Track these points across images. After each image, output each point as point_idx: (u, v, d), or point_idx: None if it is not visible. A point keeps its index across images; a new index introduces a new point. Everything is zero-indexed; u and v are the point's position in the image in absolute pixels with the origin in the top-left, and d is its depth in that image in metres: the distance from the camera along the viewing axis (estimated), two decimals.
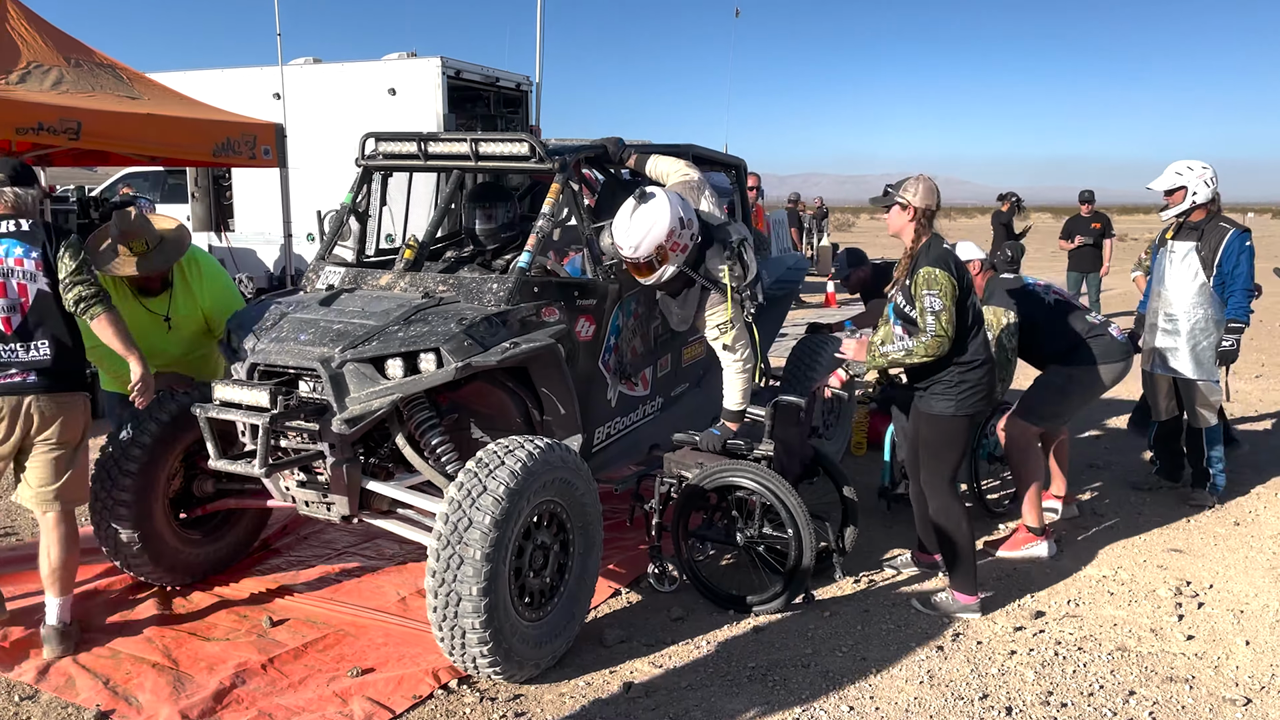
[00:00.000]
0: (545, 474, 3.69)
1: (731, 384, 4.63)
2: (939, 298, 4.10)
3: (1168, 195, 5.79)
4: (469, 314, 4.01)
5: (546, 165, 4.48)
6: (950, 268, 4.13)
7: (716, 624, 4.30)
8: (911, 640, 4.15)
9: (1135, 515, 5.77)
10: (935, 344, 4.12)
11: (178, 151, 8.09)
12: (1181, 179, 5.72)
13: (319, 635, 4.12)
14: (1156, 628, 4.31)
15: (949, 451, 4.30)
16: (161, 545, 4.41)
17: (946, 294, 4.10)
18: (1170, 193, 5.77)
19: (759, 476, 4.34)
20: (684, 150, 5.70)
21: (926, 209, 4.23)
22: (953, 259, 4.18)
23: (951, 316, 4.11)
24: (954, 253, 4.24)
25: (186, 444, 4.43)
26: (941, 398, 4.25)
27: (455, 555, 3.45)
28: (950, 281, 4.11)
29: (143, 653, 3.95)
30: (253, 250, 12.85)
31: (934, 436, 4.31)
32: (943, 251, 4.19)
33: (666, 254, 4.38)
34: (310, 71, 12.35)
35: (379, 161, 4.89)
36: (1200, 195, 5.68)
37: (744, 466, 4.39)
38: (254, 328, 4.19)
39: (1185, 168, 5.75)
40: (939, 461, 4.32)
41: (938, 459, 4.32)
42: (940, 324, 4.11)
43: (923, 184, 4.27)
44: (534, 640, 3.72)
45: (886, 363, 4.29)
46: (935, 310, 4.11)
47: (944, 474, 4.32)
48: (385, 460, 4.23)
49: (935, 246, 4.20)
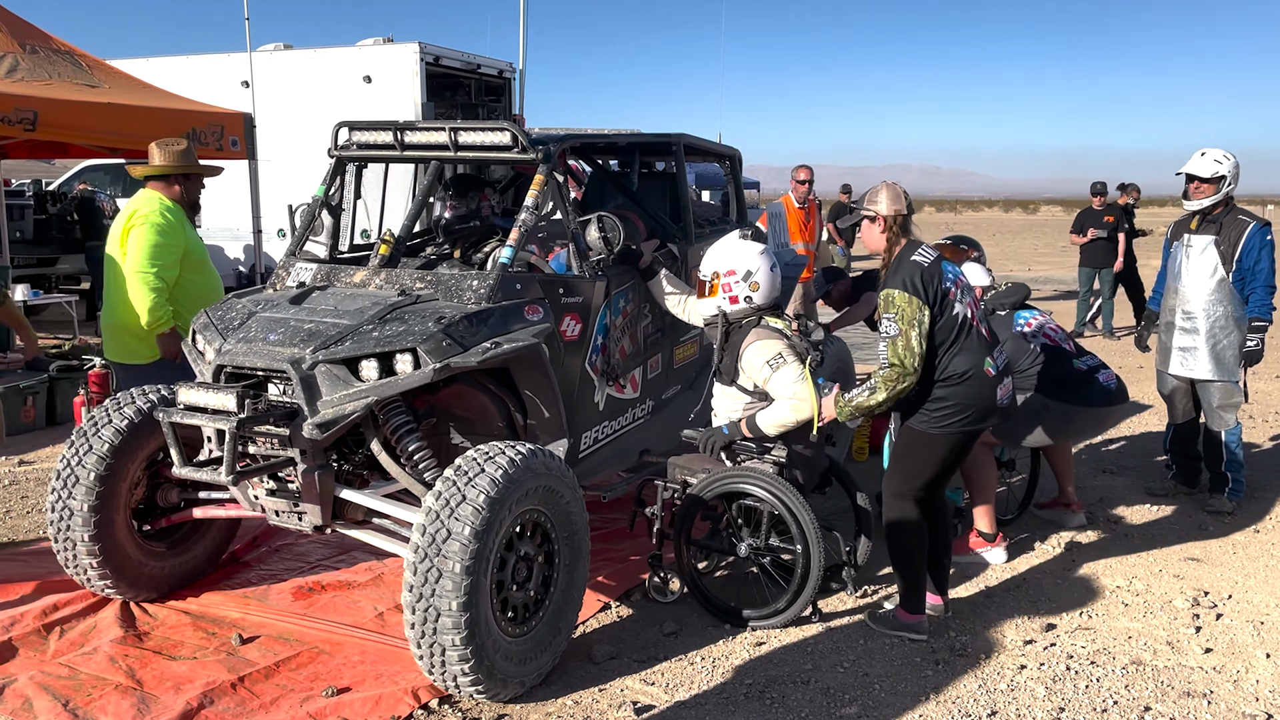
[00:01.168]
0: (529, 481, 3.68)
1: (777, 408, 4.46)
2: (895, 322, 3.98)
3: (1200, 184, 5.75)
4: (448, 312, 4.00)
5: (530, 155, 4.47)
6: (911, 285, 3.98)
7: (712, 638, 4.29)
8: (916, 655, 4.16)
9: (1150, 523, 5.79)
10: (893, 374, 4.00)
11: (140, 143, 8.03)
12: (1221, 167, 5.68)
13: (291, 653, 4.09)
14: (1173, 640, 4.33)
15: (912, 463, 4.18)
16: (123, 558, 4.39)
17: (904, 317, 3.97)
18: (1206, 181, 5.73)
19: (769, 485, 4.34)
20: (675, 140, 5.71)
21: (896, 215, 4.14)
22: (920, 273, 4.01)
23: (910, 342, 3.96)
24: (924, 264, 4.04)
25: (149, 451, 4.40)
26: (919, 410, 4.13)
27: (434, 568, 3.44)
28: (909, 301, 3.97)
29: (104, 673, 3.92)
30: (220, 247, 12.81)
31: (900, 443, 4.24)
32: (908, 266, 4.04)
33: (715, 286, 4.61)
34: (280, 58, 12.32)
35: (353, 152, 4.88)
36: (1232, 187, 5.69)
37: (753, 474, 4.39)
38: (220, 327, 4.17)
39: (1223, 156, 5.71)
40: (900, 471, 4.22)
41: (900, 468, 4.23)
42: (895, 351, 3.98)
43: (886, 190, 4.19)
44: (518, 657, 3.71)
45: (858, 411, 4.15)
46: (891, 336, 4.00)
47: (900, 486, 4.20)
48: (360, 467, 4.21)
49: (902, 261, 4.07)
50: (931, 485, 4.23)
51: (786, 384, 4.39)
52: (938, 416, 4.09)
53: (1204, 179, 5.73)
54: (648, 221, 5.54)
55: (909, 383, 4.01)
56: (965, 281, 4.20)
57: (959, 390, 4.06)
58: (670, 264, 5.27)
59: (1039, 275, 22.56)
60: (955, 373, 4.05)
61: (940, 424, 4.09)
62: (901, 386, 4.01)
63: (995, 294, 5.47)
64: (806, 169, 9.81)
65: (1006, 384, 4.18)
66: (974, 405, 4.08)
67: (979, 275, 5.49)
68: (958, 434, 4.12)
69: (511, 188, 6.27)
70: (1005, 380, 4.18)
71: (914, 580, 4.27)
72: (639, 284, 5.02)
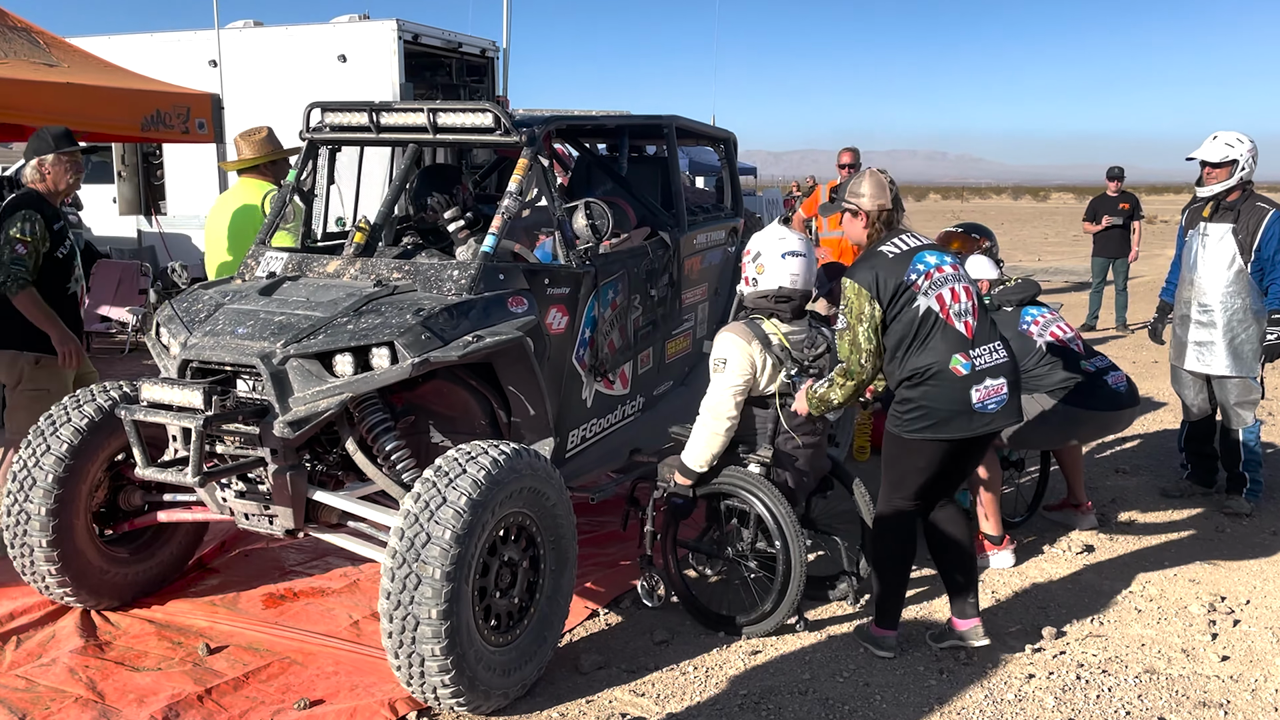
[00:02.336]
0: (512, 483, 3.68)
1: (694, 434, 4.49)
2: (844, 315, 3.99)
3: (1212, 169, 5.77)
4: (427, 304, 3.99)
5: (513, 138, 4.46)
6: (863, 275, 3.95)
7: (705, 647, 4.30)
8: (919, 663, 4.17)
9: (1165, 525, 5.81)
10: (841, 373, 4.06)
11: (102, 125, 8.03)
12: (1233, 151, 5.69)
13: (262, 664, 4.09)
14: (1188, 648, 4.34)
15: (894, 471, 4.11)
16: (84, 564, 4.37)
17: (851, 310, 3.96)
18: (1217, 166, 5.74)
19: (743, 482, 4.35)
20: (666, 122, 5.71)
21: (880, 210, 4.06)
22: (880, 265, 3.95)
23: (857, 337, 3.96)
24: (888, 255, 3.99)
25: (111, 451, 4.39)
26: (892, 414, 4.07)
27: (412, 574, 3.44)
28: (858, 293, 3.94)
29: (64, 685, 3.91)
30: (187, 235, 12.75)
31: (885, 447, 4.19)
32: (871, 258, 4.00)
33: (744, 265, 4.58)
34: (250, 36, 12.27)
35: (326, 134, 4.87)
36: (1247, 172, 5.69)
37: (728, 473, 4.40)
38: (186, 320, 4.16)
39: (1236, 139, 5.72)
40: (887, 478, 4.17)
41: (886, 474, 4.17)
42: (843, 347, 4.02)
43: (870, 181, 4.09)
44: (501, 667, 3.71)
45: (823, 404, 4.20)
46: (839, 330, 4.03)
47: (888, 491, 4.15)
48: (334, 468, 4.21)
49: (870, 253, 4.03)
50: (924, 494, 4.13)
51: (710, 392, 4.40)
52: (906, 420, 3.99)
53: (1214, 164, 5.74)
54: (638, 208, 5.54)
55: (857, 380, 4.04)
56: (948, 273, 4.01)
57: (921, 391, 3.94)
58: (661, 253, 5.27)
59: (1049, 266, 22.62)
60: (916, 370, 3.95)
61: (908, 428, 3.99)
62: (850, 384, 4.05)
63: (1003, 289, 5.46)
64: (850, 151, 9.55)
65: (991, 385, 3.95)
66: (939, 408, 3.92)
67: (984, 268, 5.49)
68: (930, 441, 3.97)
69: (494, 173, 6.26)
70: (988, 381, 3.95)
71: (888, 590, 4.19)
72: (629, 274, 5.02)
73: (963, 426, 3.95)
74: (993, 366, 3.99)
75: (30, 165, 5.18)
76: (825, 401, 4.18)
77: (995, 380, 3.97)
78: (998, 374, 3.99)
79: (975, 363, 3.94)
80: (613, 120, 6.11)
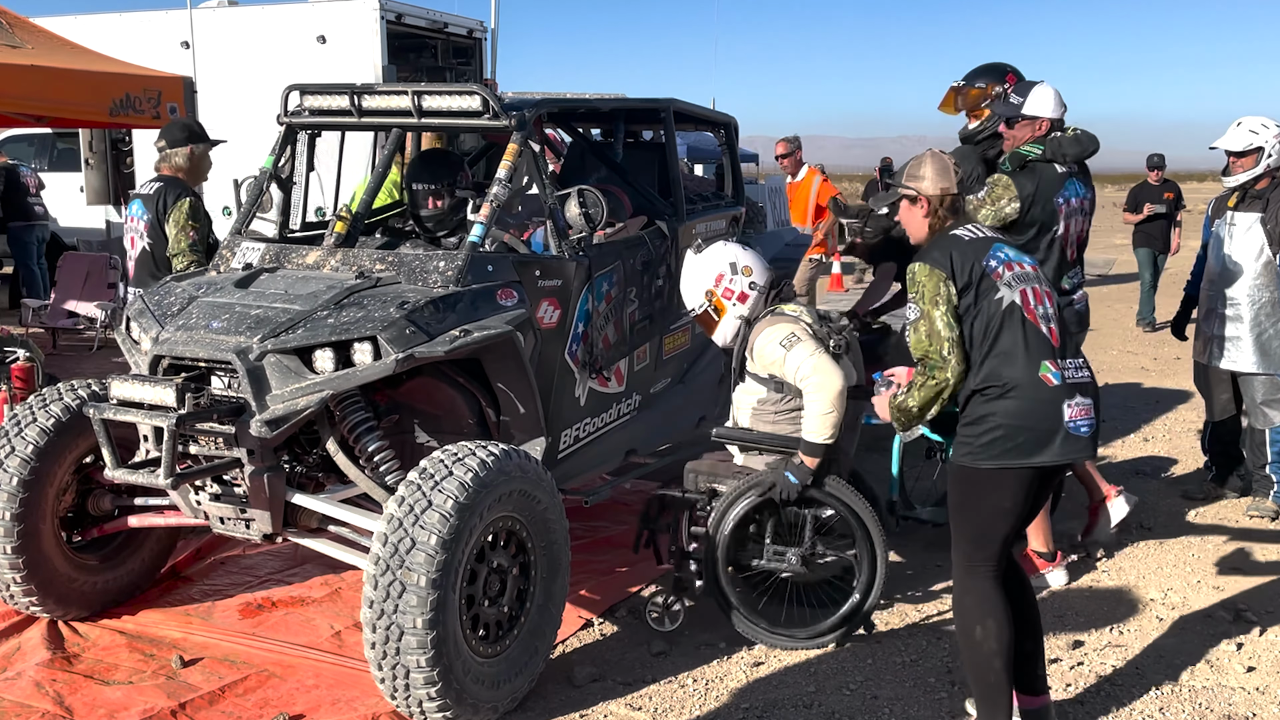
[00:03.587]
0: (502, 485, 3.68)
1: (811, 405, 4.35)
2: (916, 302, 3.52)
3: (1237, 158, 5.77)
4: (411, 297, 3.99)
5: (502, 123, 4.46)
6: (935, 255, 3.52)
7: (704, 658, 4.30)
8: (929, 675, 4.17)
9: (1188, 529, 5.82)
10: (923, 372, 3.51)
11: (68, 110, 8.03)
12: (1258, 138, 5.69)
13: (238, 677, 4.09)
14: (1212, 658, 4.35)
15: (974, 519, 3.53)
16: (51, 572, 4.36)
17: (924, 294, 3.49)
18: (1242, 155, 5.74)
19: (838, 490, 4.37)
20: (664, 105, 5.71)
21: (944, 195, 3.64)
22: (955, 246, 3.54)
23: (936, 325, 3.46)
24: (963, 238, 3.58)
25: (79, 453, 4.38)
26: (960, 440, 3.54)
27: (396, 582, 3.44)
28: (930, 275, 3.49)
29: (30, 699, 3.91)
30: None
31: (953, 492, 3.63)
32: (942, 241, 3.59)
33: (720, 302, 4.59)
34: (224, 15, 12.24)
35: (305, 119, 4.86)
36: (1275, 159, 5.69)
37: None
38: (158, 314, 4.16)
39: (1260, 125, 5.72)
40: (964, 534, 3.57)
41: (963, 530, 3.58)
42: (918, 339, 3.50)
43: (932, 163, 3.67)
44: (490, 680, 3.71)
45: (900, 414, 3.64)
46: (912, 321, 3.53)
47: (963, 550, 3.57)
48: (314, 469, 4.21)
49: (938, 239, 3.62)
50: (1008, 546, 3.58)
51: (803, 362, 4.29)
52: (984, 445, 3.43)
53: (1236, 153, 5.75)
54: (634, 197, 5.54)
55: (945, 378, 3.46)
56: (1029, 271, 3.59)
57: (1003, 405, 3.42)
58: (658, 244, 5.27)
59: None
60: (995, 377, 3.43)
61: (986, 454, 3.43)
62: (933, 383, 3.47)
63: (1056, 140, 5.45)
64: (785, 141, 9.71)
65: (1082, 404, 3.47)
66: (1026, 425, 3.41)
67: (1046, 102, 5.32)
68: (1015, 469, 3.43)
69: (482, 159, 6.26)
70: (1079, 399, 3.47)
71: (993, 695, 3.52)
72: (624, 265, 5.02)
73: (1054, 451, 3.43)
74: (1082, 383, 3.53)
75: (180, 153, 5.66)
76: (905, 411, 3.61)
77: (1085, 399, 3.50)
78: (1086, 392, 3.52)
79: (1064, 374, 3.48)
80: (607, 104, 6.11)
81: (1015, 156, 4.98)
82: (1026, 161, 4.95)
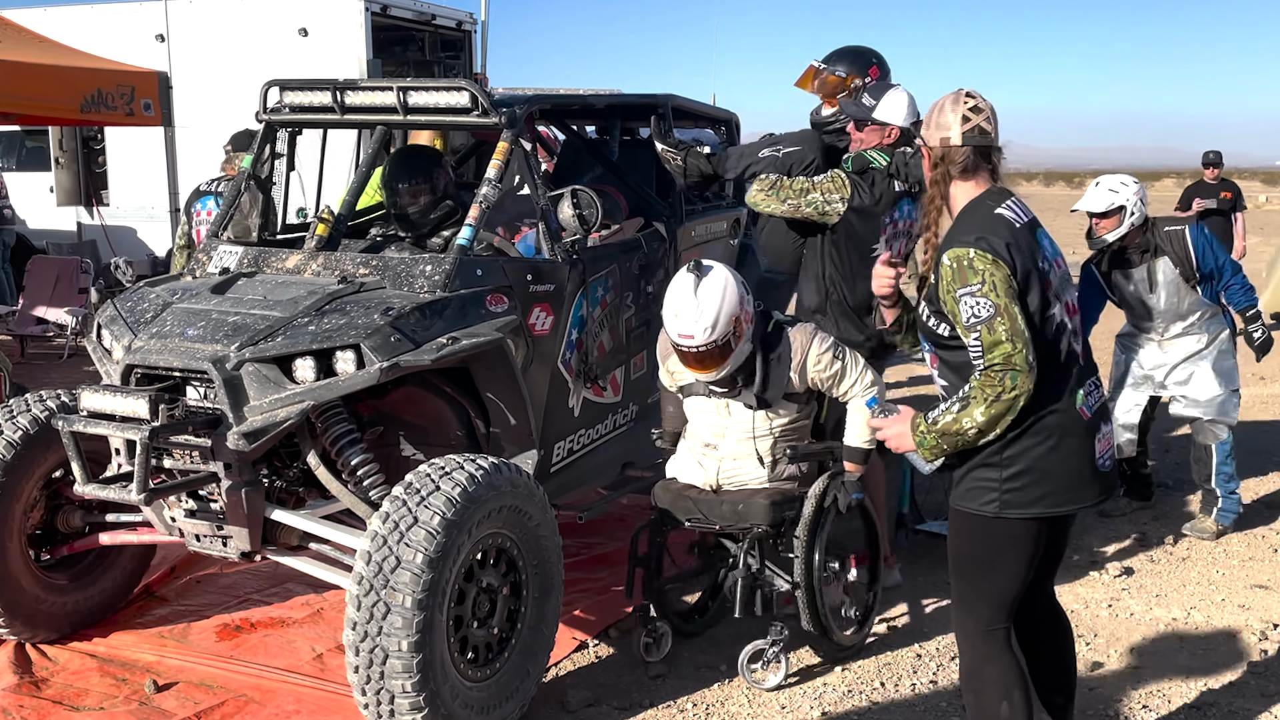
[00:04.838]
0: (491, 501, 3.68)
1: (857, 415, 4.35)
2: (984, 295, 2.93)
3: (1100, 219, 5.82)
4: (396, 303, 3.99)
5: (492, 120, 4.47)
6: (992, 241, 2.97)
7: (704, 681, 4.30)
8: (941, 700, 4.17)
9: (1212, 546, 5.83)
10: (993, 377, 2.92)
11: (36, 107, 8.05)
12: (1118, 196, 5.75)
13: (215, 702, 4.08)
14: (1237, 681, 4.35)
15: (989, 577, 3.13)
16: (18, 592, 4.36)
17: (997, 289, 2.92)
18: (1105, 215, 5.79)
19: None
20: (662, 101, 5.71)
21: (943, 148, 3.11)
22: (1011, 232, 3.01)
23: (1019, 325, 2.92)
24: (1014, 223, 3.05)
25: (48, 467, 4.38)
26: (976, 483, 3.08)
27: (380, 602, 3.43)
28: (993, 262, 2.94)
29: None
30: (132, 229, 12.75)
31: (961, 543, 3.18)
32: (988, 220, 3.03)
33: (742, 327, 4.15)
34: (201, 7, 12.26)
35: (285, 116, 4.87)
36: (1137, 216, 5.75)
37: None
38: (130, 321, 4.15)
39: (1119, 183, 5.82)
40: (969, 589, 3.19)
41: (967, 585, 3.19)
42: (995, 338, 2.92)
43: (945, 109, 3.13)
44: (479, 705, 3.71)
45: (945, 441, 3.02)
46: (985, 319, 2.93)
47: (978, 613, 3.16)
48: (294, 484, 4.21)
49: (978, 210, 3.08)
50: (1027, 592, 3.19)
51: (863, 369, 4.34)
52: (1011, 491, 3.01)
53: (1099, 214, 5.81)
54: (630, 197, 5.54)
55: (1027, 388, 2.92)
56: (1065, 271, 3.17)
57: (1038, 443, 3.02)
58: (656, 246, 5.27)
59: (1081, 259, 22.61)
60: (1031, 412, 2.98)
61: (1014, 504, 3.02)
62: (1011, 394, 2.90)
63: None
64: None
65: (1106, 432, 3.15)
66: (1060, 470, 3.03)
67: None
68: (1041, 519, 3.06)
69: (471, 158, 6.27)
70: (1103, 427, 3.13)
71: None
72: (620, 269, 5.02)
73: (1090, 494, 3.10)
74: (1104, 405, 3.19)
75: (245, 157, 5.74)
76: (957, 434, 2.99)
77: (1108, 425, 3.19)
78: (1107, 417, 3.22)
79: (1091, 399, 3.12)
80: (602, 100, 6.13)
81: (859, 160, 4.86)
82: (869, 168, 4.84)
